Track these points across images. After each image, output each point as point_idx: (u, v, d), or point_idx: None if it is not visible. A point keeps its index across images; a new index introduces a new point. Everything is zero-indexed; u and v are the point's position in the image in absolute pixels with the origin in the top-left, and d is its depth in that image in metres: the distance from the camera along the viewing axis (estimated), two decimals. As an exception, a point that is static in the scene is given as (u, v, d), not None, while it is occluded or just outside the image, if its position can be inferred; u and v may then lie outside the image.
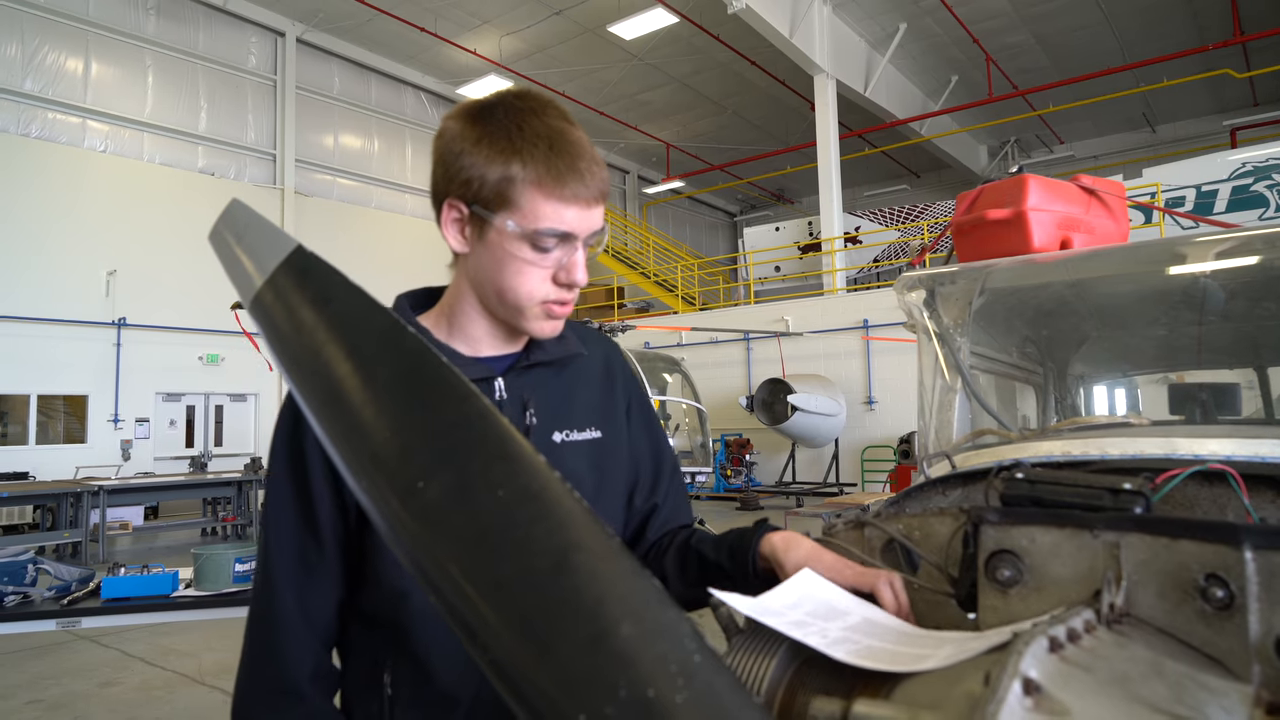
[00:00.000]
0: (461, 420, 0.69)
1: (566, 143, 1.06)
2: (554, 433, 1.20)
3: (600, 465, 1.23)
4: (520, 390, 1.19)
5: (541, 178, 1.05)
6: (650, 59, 18.32)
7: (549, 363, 1.22)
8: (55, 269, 13.24)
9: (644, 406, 1.34)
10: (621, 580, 0.58)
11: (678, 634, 0.55)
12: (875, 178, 24.87)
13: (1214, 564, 0.83)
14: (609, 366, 1.31)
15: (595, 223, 1.09)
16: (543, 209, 1.05)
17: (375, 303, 0.81)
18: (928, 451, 1.81)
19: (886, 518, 1.15)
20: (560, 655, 0.53)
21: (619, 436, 1.27)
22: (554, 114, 1.10)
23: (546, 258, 1.08)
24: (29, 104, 13.45)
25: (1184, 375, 2.38)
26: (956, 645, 0.80)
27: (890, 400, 14.75)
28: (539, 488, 0.64)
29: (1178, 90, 18.15)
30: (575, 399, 1.24)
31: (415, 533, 0.64)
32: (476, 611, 0.58)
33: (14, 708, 4.93)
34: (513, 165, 1.05)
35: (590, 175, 1.07)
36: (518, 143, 1.05)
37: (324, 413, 0.76)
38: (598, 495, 1.21)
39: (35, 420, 13.19)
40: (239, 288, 0.96)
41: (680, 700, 0.50)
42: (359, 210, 18.22)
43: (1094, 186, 2.26)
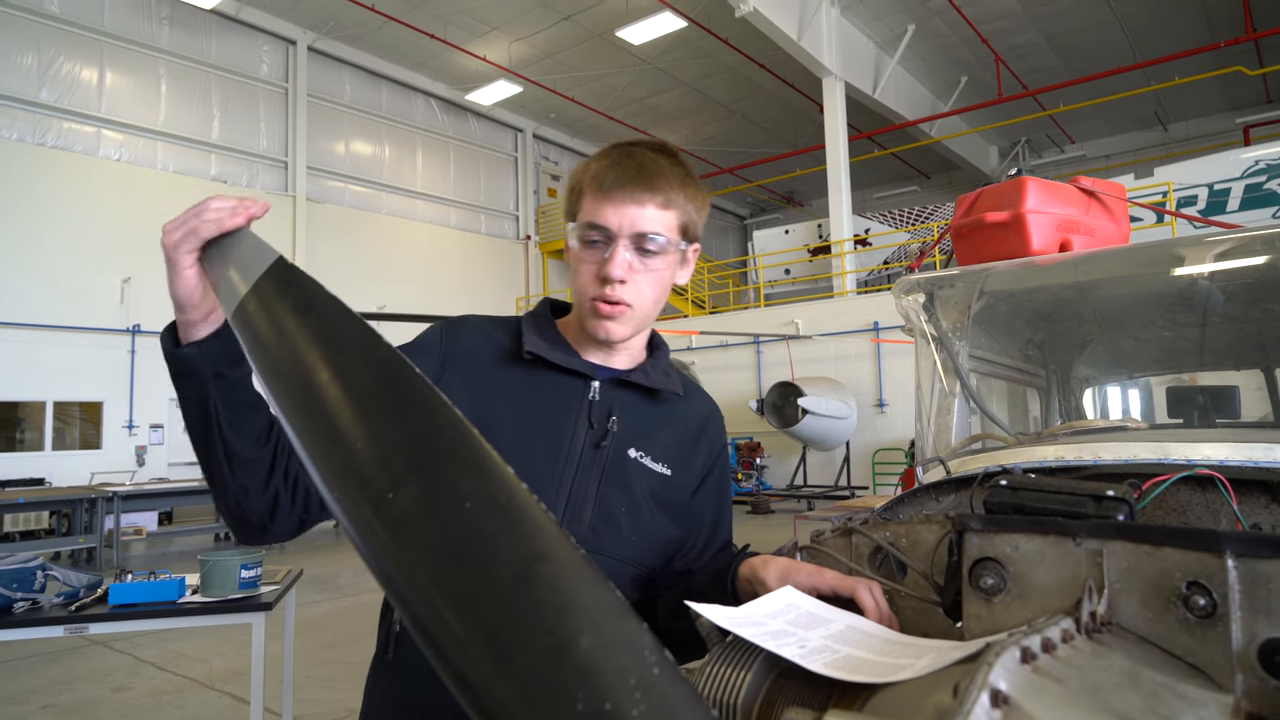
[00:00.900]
0: (432, 431, 0.69)
1: (627, 154, 1.19)
2: (630, 448, 1.25)
3: (660, 499, 1.26)
4: (611, 399, 1.26)
5: (591, 182, 1.19)
6: (658, 63, 18.34)
7: (646, 389, 1.28)
8: (71, 277, 13.36)
9: (722, 479, 1.39)
10: (584, 592, 0.58)
11: (638, 646, 0.54)
12: (885, 179, 24.79)
13: (1196, 571, 0.83)
14: (705, 425, 1.36)
15: (636, 223, 1.16)
16: (588, 206, 1.19)
17: (352, 313, 0.81)
18: (924, 456, 1.81)
19: (875, 525, 1.15)
20: (520, 667, 0.53)
21: (685, 485, 1.31)
22: (647, 144, 1.23)
23: (593, 253, 1.18)
24: (45, 114, 13.60)
25: (1191, 378, 2.37)
26: (937, 654, 0.80)
27: (901, 403, 14.68)
28: (506, 499, 0.64)
29: (1189, 88, 18.01)
30: (660, 432, 1.29)
31: (384, 542, 0.64)
32: (440, 622, 0.58)
33: (29, 712, 4.98)
34: (582, 177, 1.22)
35: (632, 177, 1.16)
36: (592, 161, 1.23)
37: (301, 423, 0.76)
38: (643, 522, 1.24)
39: (51, 426, 13.30)
40: (223, 298, 0.97)
41: (637, 714, 0.50)
42: (370, 216, 18.31)
43: (1093, 188, 2.25)
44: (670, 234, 1.19)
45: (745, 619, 0.91)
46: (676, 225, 1.21)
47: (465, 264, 19.79)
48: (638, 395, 1.28)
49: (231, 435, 1.04)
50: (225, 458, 1.04)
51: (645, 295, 1.21)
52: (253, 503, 1.07)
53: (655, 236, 1.17)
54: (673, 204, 1.19)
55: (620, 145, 1.23)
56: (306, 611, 7.13)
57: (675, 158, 1.23)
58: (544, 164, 22.50)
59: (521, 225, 21.80)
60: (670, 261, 1.22)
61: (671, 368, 1.34)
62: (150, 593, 3.14)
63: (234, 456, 1.04)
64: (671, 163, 1.22)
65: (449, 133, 20.24)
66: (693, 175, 1.24)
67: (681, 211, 1.21)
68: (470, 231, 20.55)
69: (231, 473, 1.05)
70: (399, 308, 16.80)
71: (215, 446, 1.04)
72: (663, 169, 1.19)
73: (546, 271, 22.04)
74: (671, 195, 1.19)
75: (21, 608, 3.06)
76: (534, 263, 21.90)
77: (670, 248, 1.20)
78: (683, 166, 1.23)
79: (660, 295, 1.24)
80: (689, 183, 1.22)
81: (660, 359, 1.33)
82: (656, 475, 1.26)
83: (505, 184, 21.64)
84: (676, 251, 1.22)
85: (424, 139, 19.74)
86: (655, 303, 1.24)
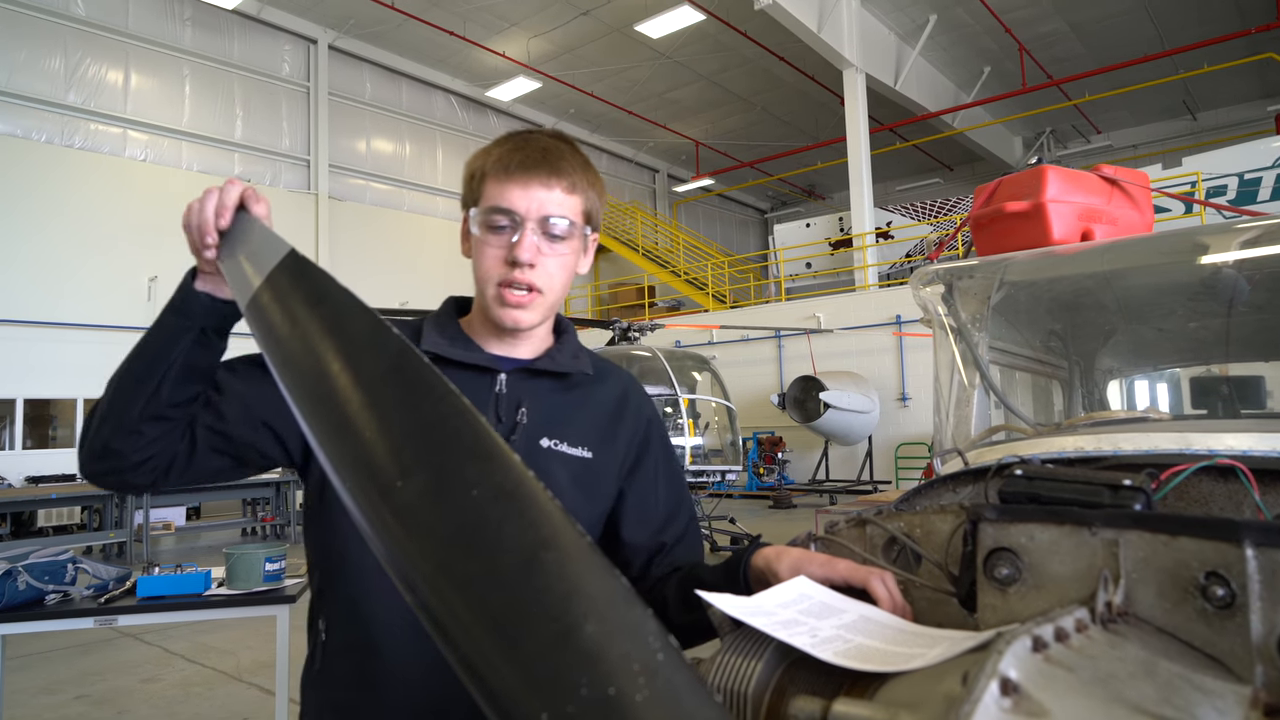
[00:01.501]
0: (439, 419, 0.70)
1: (527, 140, 1.19)
2: (542, 438, 1.24)
3: (582, 483, 1.25)
4: (519, 391, 1.25)
5: (494, 166, 1.19)
6: (678, 57, 18.29)
7: (555, 374, 1.27)
8: (99, 276, 13.57)
9: (662, 447, 1.37)
10: (589, 579, 0.58)
11: (642, 632, 0.55)
12: (907, 172, 24.59)
13: (1214, 562, 0.81)
14: (624, 400, 1.34)
15: (544, 207, 1.17)
16: (492, 191, 1.18)
17: (362, 304, 0.82)
18: (942, 448, 1.79)
19: (890, 515, 1.14)
20: (526, 653, 0.54)
21: (611, 463, 1.29)
22: (545, 133, 1.23)
23: (499, 238, 1.18)
24: (72, 116, 13.82)
25: (1221, 369, 2.33)
26: (950, 644, 0.79)
27: (924, 397, 14.57)
28: (513, 486, 0.64)
29: (1219, 76, 17.69)
30: (574, 416, 1.28)
31: (392, 530, 0.65)
32: (448, 608, 0.58)
33: (63, 701, 5.07)
34: (484, 163, 1.21)
35: (537, 161, 1.17)
36: (492, 148, 1.22)
37: (312, 412, 0.77)
38: (570, 510, 1.22)
39: (83, 424, 13.50)
40: (237, 291, 0.98)
41: (640, 699, 0.50)
42: (391, 214, 18.43)
43: (1116, 176, 2.22)
44: (576, 218, 1.20)
45: (757, 608, 0.91)
46: (581, 210, 1.22)
47: (486, 260, 19.85)
48: (548, 382, 1.27)
49: (167, 388, 1.09)
50: (146, 398, 1.08)
51: (554, 279, 1.21)
52: (128, 444, 1.10)
53: (561, 220, 1.18)
54: (577, 189, 1.20)
55: (519, 133, 1.24)
56: (331, 605, 7.20)
57: (574, 146, 1.25)
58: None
59: (542, 221, 21.84)
60: (575, 247, 1.22)
61: (581, 349, 1.33)
62: (177, 585, 3.19)
63: (153, 402, 1.09)
64: (572, 150, 1.23)
65: (469, 129, 20.31)
66: (591, 165, 1.26)
67: (585, 198, 1.22)
68: (491, 228, 20.59)
69: (138, 413, 1.08)
70: (420, 304, 16.89)
71: (146, 383, 1.08)
72: (565, 155, 1.20)
73: (567, 267, 22.05)
74: (576, 180, 1.20)
75: (53, 600, 3.12)
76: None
77: (575, 232, 1.21)
78: (582, 155, 1.24)
79: (566, 281, 1.24)
80: (590, 170, 1.24)
81: (567, 342, 1.32)
82: (577, 460, 1.25)
83: (526, 180, 21.68)
84: (580, 237, 1.23)
85: (444, 136, 19.83)
86: (563, 288, 1.24)
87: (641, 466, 1.33)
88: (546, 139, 1.21)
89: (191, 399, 1.13)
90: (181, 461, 1.14)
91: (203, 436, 1.15)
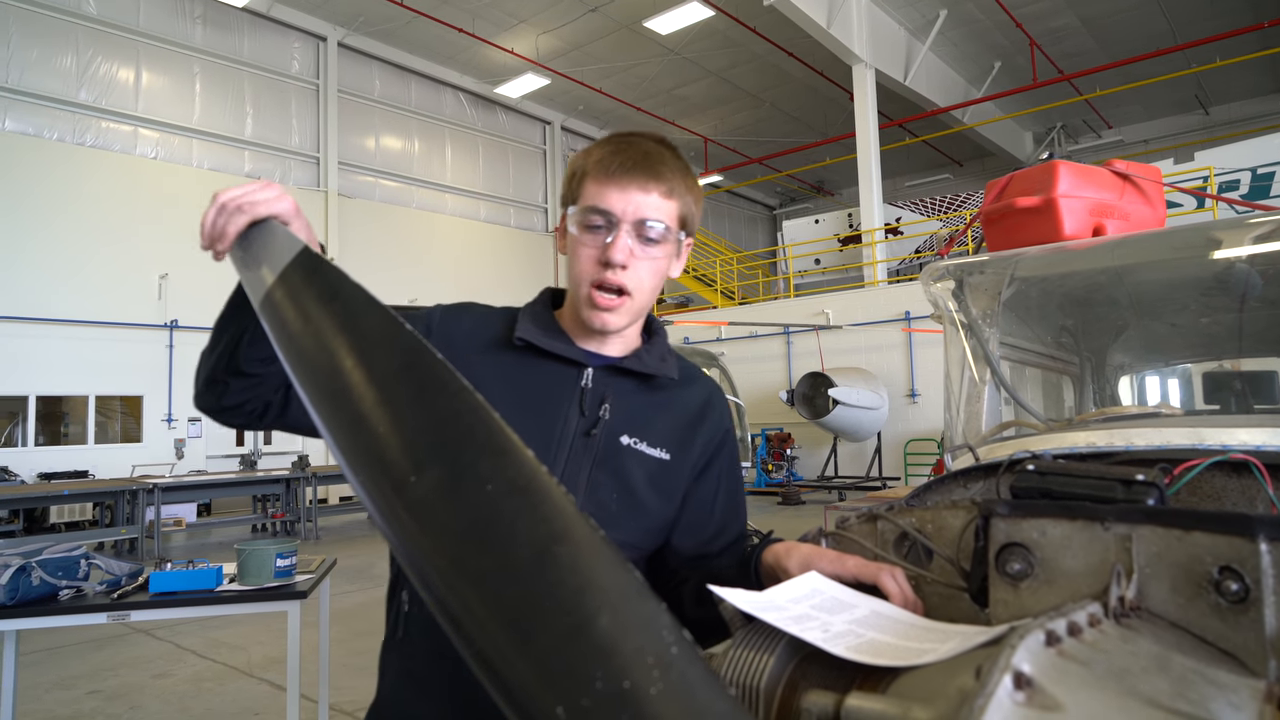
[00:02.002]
0: (453, 415, 0.70)
1: (629, 143, 1.22)
2: (622, 435, 1.24)
3: (658, 484, 1.26)
4: (604, 387, 1.26)
5: (595, 167, 1.20)
6: (687, 53, 18.26)
7: (640, 375, 1.28)
8: (110, 273, 13.65)
9: (730, 461, 1.37)
10: (603, 572, 0.58)
11: (656, 626, 0.55)
12: (916, 167, 24.50)
13: (1228, 556, 0.81)
14: (705, 409, 1.34)
15: (640, 210, 1.17)
16: (590, 191, 1.19)
17: (375, 300, 0.82)
18: (953, 444, 1.79)
19: (901, 511, 1.14)
20: (540, 646, 0.54)
21: (685, 468, 1.30)
22: (648, 136, 1.24)
23: (594, 238, 1.19)
24: (84, 114, 13.90)
25: (1228, 363, 2.32)
26: (962, 639, 0.79)
27: (933, 393, 14.52)
28: (526, 481, 0.65)
29: (1232, 70, 17.56)
30: (656, 417, 1.28)
31: (406, 525, 0.65)
32: (462, 603, 0.58)
33: (76, 697, 5.11)
34: (584, 163, 1.22)
35: (637, 164, 1.18)
36: (594, 149, 1.24)
37: (326, 407, 0.77)
38: (640, 507, 1.24)
39: (94, 420, 13.61)
40: (250, 289, 0.98)
41: (655, 692, 0.50)
42: (400, 211, 18.47)
43: (1128, 171, 2.20)
44: (671, 223, 1.21)
45: (769, 604, 0.91)
46: (677, 215, 1.22)
47: (495, 257, 19.89)
48: (633, 382, 1.28)
49: (244, 349, 1.14)
50: (227, 357, 1.15)
51: (645, 282, 1.21)
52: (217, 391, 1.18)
53: (657, 224, 1.18)
54: (675, 194, 1.21)
55: (622, 134, 1.25)
56: (341, 601, 7.24)
57: (675, 151, 1.25)
58: (572, 156, 22.50)
59: (550, 218, 21.87)
60: (668, 251, 1.23)
61: (669, 352, 1.34)
62: (189, 581, 3.21)
63: (233, 360, 1.15)
64: (673, 155, 1.24)
65: (478, 126, 20.33)
66: (691, 171, 1.26)
67: (682, 203, 1.22)
68: (499, 225, 20.64)
69: (223, 368, 1.16)
70: (429, 300, 16.85)
71: (225, 343, 1.14)
72: (666, 159, 1.21)
73: (576, 264, 22.06)
74: (674, 185, 1.20)
75: (67, 595, 3.15)
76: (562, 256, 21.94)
77: (670, 236, 1.21)
78: (683, 160, 1.25)
79: (657, 285, 1.25)
80: (689, 176, 1.24)
81: (657, 344, 1.33)
82: (654, 460, 1.26)
83: (534, 177, 21.70)
84: (674, 242, 1.23)
85: (453, 133, 19.85)
86: (653, 291, 1.24)
87: (706, 475, 1.33)
88: (649, 143, 1.22)
89: (271, 358, 1.13)
90: (275, 410, 1.21)
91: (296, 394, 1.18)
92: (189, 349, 14.47)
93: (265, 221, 1.03)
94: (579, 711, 0.50)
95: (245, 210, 1.01)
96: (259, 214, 1.01)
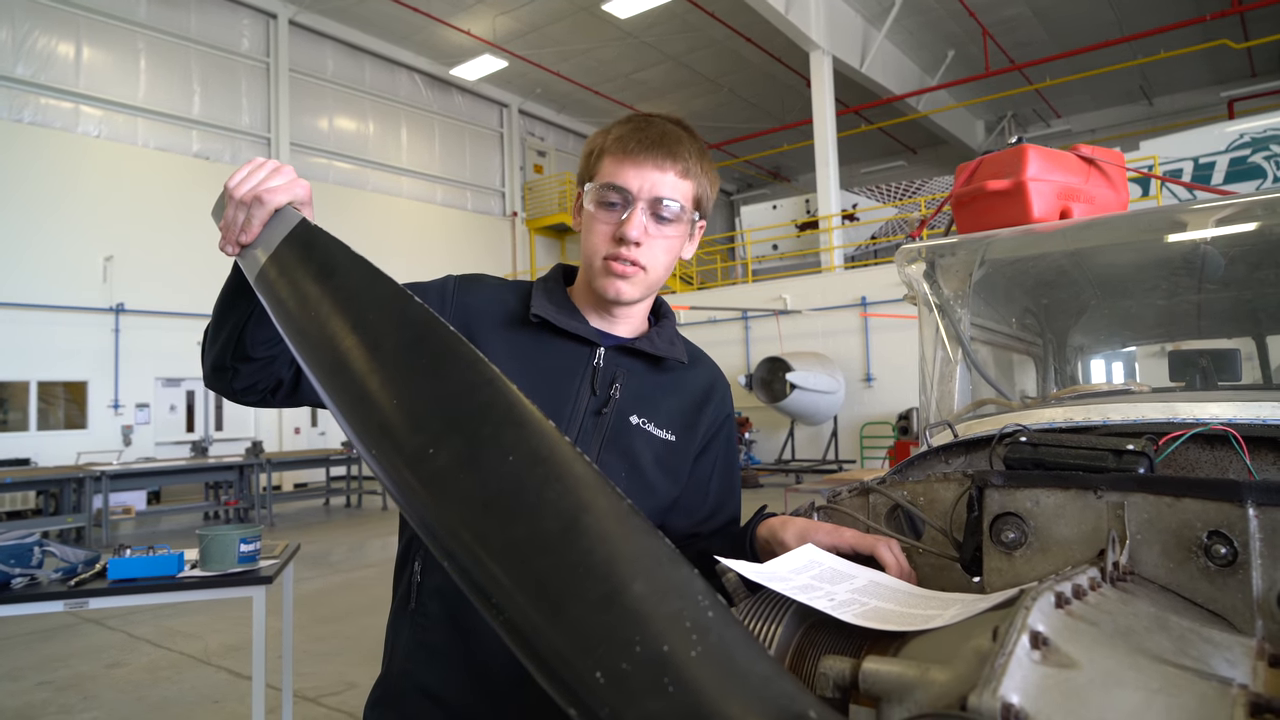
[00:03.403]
0: (470, 387, 0.69)
1: (648, 122, 1.23)
2: (632, 415, 1.26)
3: (665, 464, 1.28)
4: (615, 366, 1.27)
5: (613, 144, 1.21)
6: (645, 37, 18.18)
7: (650, 356, 1.29)
8: (52, 255, 13.19)
9: (727, 445, 1.40)
10: (632, 540, 0.58)
11: (691, 591, 0.55)
12: (872, 154, 24.76)
13: (1217, 521, 0.84)
14: (710, 391, 1.37)
15: (656, 188, 1.18)
16: (608, 168, 1.20)
17: (380, 273, 0.81)
18: (929, 421, 1.82)
19: (893, 484, 1.16)
20: (572, 614, 0.54)
21: (688, 451, 1.32)
22: (667, 117, 1.26)
23: (610, 214, 1.19)
24: (21, 89, 13.36)
25: (1183, 344, 2.39)
26: (963, 606, 0.81)
27: (889, 377, 14.76)
28: (548, 451, 0.64)
29: (1175, 62, 18.05)
30: (664, 399, 1.30)
31: (425, 499, 0.64)
32: (489, 574, 0.58)
33: (25, 688, 4.97)
34: (603, 141, 1.23)
35: (655, 143, 1.18)
36: (613, 127, 1.24)
37: (331, 383, 0.76)
38: (648, 487, 1.25)
39: (36, 407, 13.19)
40: (245, 263, 0.96)
41: (695, 655, 0.51)
42: (355, 194, 18.13)
43: (1093, 156, 2.26)
44: (686, 203, 1.22)
45: (771, 574, 0.92)
46: (692, 196, 1.23)
47: (452, 241, 19.66)
48: (642, 363, 1.29)
49: (249, 334, 1.12)
50: (232, 344, 1.13)
51: (658, 260, 1.22)
52: (227, 376, 1.17)
53: (672, 203, 1.19)
54: (691, 175, 1.22)
55: (641, 114, 1.26)
56: (300, 588, 7.12)
57: (693, 133, 1.27)
58: (530, 140, 22.28)
59: (508, 202, 21.67)
60: (682, 231, 1.24)
61: (677, 336, 1.35)
62: (150, 567, 3.13)
63: (239, 347, 1.13)
64: (691, 137, 1.25)
65: (434, 108, 20.03)
66: (708, 154, 1.28)
67: (698, 184, 1.24)
68: (456, 208, 20.40)
69: (229, 356, 1.14)
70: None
71: (226, 331, 1.12)
72: (684, 140, 1.22)
73: (534, 248, 21.93)
74: (691, 166, 1.21)
75: (20, 584, 3.05)
76: (521, 239, 21.79)
77: (684, 216, 1.22)
78: (700, 143, 1.26)
79: (670, 264, 1.26)
80: (705, 158, 1.26)
81: (666, 327, 1.35)
82: (662, 441, 1.27)
83: (491, 160, 21.46)
84: (688, 222, 1.24)
85: (409, 115, 19.52)
86: (665, 269, 1.25)
87: (705, 456, 1.35)
88: (667, 123, 1.23)
89: (278, 339, 1.13)
90: (286, 388, 1.21)
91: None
92: (136, 333, 14.09)
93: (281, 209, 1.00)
94: (618, 675, 0.50)
95: (265, 200, 0.99)
96: (279, 203, 0.99)
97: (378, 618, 1.29)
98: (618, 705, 0.49)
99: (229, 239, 1.00)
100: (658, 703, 0.48)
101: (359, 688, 4.76)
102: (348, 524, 11.92)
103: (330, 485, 14.02)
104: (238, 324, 1.11)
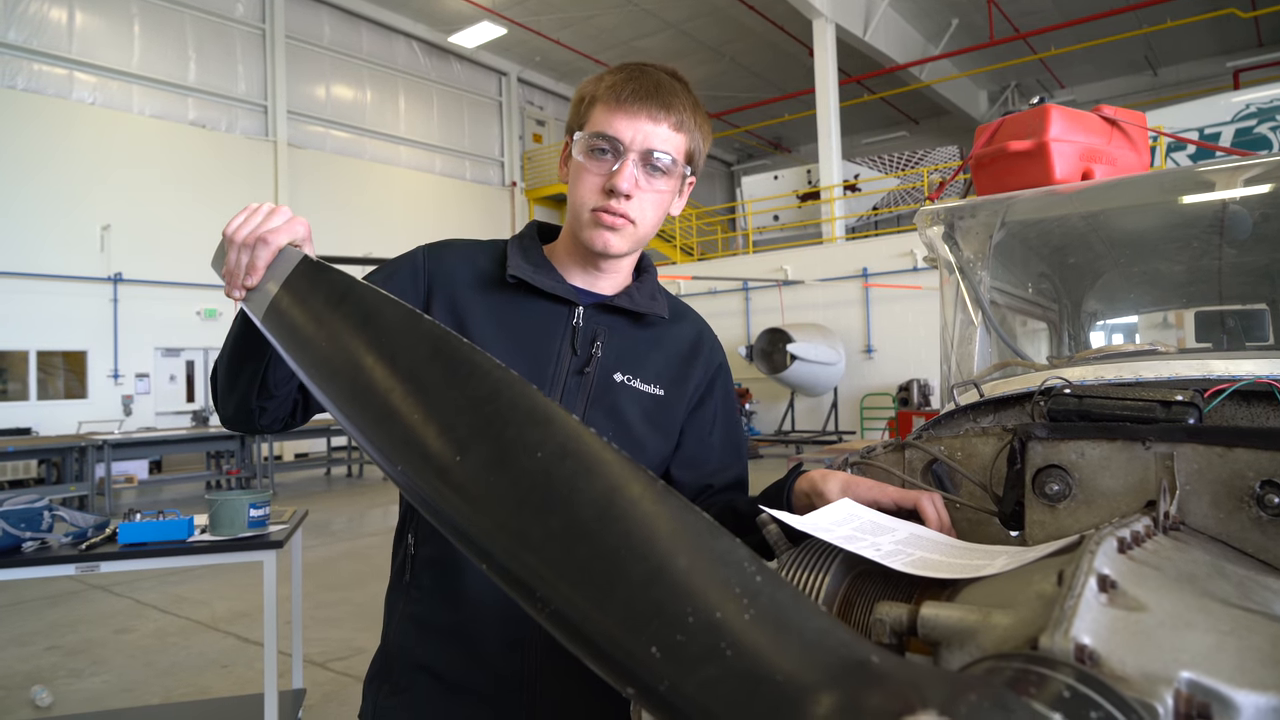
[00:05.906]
0: (490, 393, 0.70)
1: (643, 71, 1.18)
2: (615, 372, 1.25)
3: (653, 419, 1.27)
4: (596, 325, 1.25)
5: (605, 93, 1.17)
6: (645, 4, 17.95)
7: (631, 314, 1.27)
8: (48, 224, 13.10)
9: (724, 395, 1.38)
10: (670, 517, 0.59)
11: (735, 558, 0.55)
12: (874, 125, 24.56)
13: (1270, 471, 0.84)
14: (698, 344, 1.35)
15: (648, 140, 1.15)
16: (599, 117, 1.16)
17: (386, 296, 0.83)
18: (951, 382, 1.81)
19: (930, 439, 1.15)
20: (620, 596, 0.54)
21: (680, 402, 1.30)
22: (661, 67, 1.22)
23: (599, 164, 1.16)
24: (13, 55, 13.18)
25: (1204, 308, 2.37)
26: (1009, 557, 0.80)
27: (889, 348, 14.77)
28: (575, 443, 0.65)
29: (1180, 31, 17.84)
30: (649, 354, 1.29)
31: (458, 505, 0.65)
32: (530, 569, 0.58)
33: (34, 653, 5.01)
34: (595, 89, 1.19)
35: (649, 93, 1.15)
36: (606, 75, 1.20)
37: (352, 408, 0.78)
38: (637, 444, 1.25)
39: (35, 376, 13.17)
40: (252, 304, 0.96)
41: (749, 618, 0.51)
42: (353, 162, 17.98)
43: (1116, 117, 2.23)
44: (679, 156, 1.20)
45: (814, 526, 0.92)
46: (685, 149, 1.21)
47: (450, 211, 19.54)
48: (624, 319, 1.28)
49: (272, 375, 1.12)
50: (255, 390, 1.12)
51: (647, 215, 1.20)
52: (253, 417, 1.17)
53: (664, 156, 1.17)
54: (684, 128, 1.19)
55: (635, 64, 1.22)
56: (305, 555, 7.18)
57: (687, 86, 1.24)
58: (529, 109, 22.06)
59: (507, 171, 21.51)
60: (673, 186, 1.22)
61: (659, 290, 1.33)
62: (160, 532, 3.14)
63: (262, 391, 1.13)
64: (685, 89, 1.22)
65: (432, 76, 19.80)
66: (703, 108, 1.25)
67: (691, 138, 1.21)
68: (455, 178, 20.26)
69: (253, 401, 1.14)
70: (384, 254, 16.51)
71: (247, 376, 1.11)
72: (679, 92, 1.20)
73: (533, 218, 21.79)
74: (684, 119, 1.19)
75: (30, 548, 3.06)
76: (520, 209, 21.66)
77: (676, 170, 1.20)
78: (694, 96, 1.23)
79: (659, 219, 1.24)
80: (700, 112, 1.23)
81: (647, 281, 1.33)
82: (649, 396, 1.26)
83: (490, 129, 21.27)
84: (679, 177, 1.22)
85: (406, 83, 19.31)
86: (654, 224, 1.24)
87: (702, 409, 1.34)
88: (662, 74, 1.20)
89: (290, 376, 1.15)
90: (302, 407, 1.21)
91: None
92: (134, 303, 14.03)
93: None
94: (674, 647, 0.50)
95: (268, 240, 0.97)
96: (280, 243, 0.98)
97: (382, 585, 1.30)
98: (676, 676, 0.49)
99: (234, 284, 0.98)
100: (716, 668, 0.48)
101: (366, 653, 4.79)
102: (349, 493, 11.97)
103: (331, 455, 14.06)
104: (258, 369, 1.10)
